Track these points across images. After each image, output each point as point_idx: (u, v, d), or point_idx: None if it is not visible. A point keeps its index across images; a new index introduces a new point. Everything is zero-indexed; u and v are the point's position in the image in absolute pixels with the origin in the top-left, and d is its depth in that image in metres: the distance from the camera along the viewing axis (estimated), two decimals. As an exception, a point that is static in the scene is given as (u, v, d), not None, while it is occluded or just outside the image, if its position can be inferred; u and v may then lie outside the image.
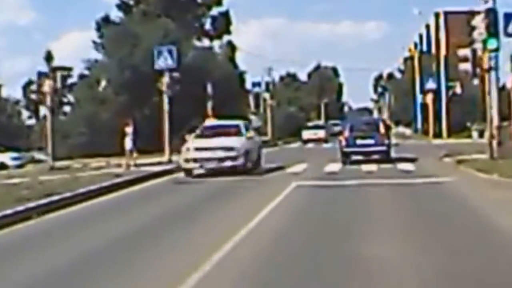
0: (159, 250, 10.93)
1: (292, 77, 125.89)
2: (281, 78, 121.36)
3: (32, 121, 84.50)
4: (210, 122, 33.57)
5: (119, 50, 55.44)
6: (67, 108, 67.26)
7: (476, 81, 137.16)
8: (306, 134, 65.98)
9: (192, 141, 26.63)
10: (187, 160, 25.70)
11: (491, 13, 26.20)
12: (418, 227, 12.35)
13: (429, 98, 60.33)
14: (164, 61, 32.89)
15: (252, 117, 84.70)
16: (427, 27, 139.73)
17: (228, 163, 25.20)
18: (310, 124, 72.61)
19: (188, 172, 25.76)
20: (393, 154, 32.18)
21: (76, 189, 19.80)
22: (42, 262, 10.40)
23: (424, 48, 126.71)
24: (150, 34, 55.03)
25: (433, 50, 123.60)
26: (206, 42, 71.10)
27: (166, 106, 32.84)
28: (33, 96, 75.31)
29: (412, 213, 14.40)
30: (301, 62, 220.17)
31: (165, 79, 33.01)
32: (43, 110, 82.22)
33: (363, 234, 11.59)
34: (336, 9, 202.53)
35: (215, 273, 8.93)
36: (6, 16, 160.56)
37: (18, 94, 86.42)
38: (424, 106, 72.48)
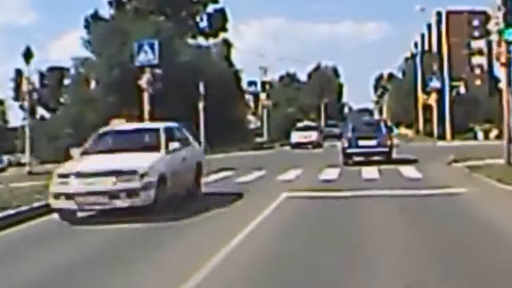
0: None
1: (292, 77, 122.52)
2: (280, 78, 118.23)
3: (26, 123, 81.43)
4: (116, 125, 23.16)
5: (107, 47, 52.25)
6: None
7: (478, 81, 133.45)
8: (296, 137, 53.15)
9: (75, 160, 16.38)
10: (56, 196, 14.91)
11: (509, 0, 22.87)
12: (435, 269, 9.10)
13: (433, 97, 56.90)
14: (145, 56, 29.64)
15: (251, 117, 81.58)
16: (429, 26, 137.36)
17: (122, 202, 14.54)
18: (300, 124, 57.53)
19: (63, 214, 15.01)
20: (396, 156, 29.90)
21: (34, 202, 16.72)
22: None
23: (426, 47, 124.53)
24: (140, 31, 51.76)
25: (435, 49, 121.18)
26: (202, 41, 68.01)
27: (146, 106, 29.59)
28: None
29: (425, 241, 11.02)
30: (301, 62, 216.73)
31: (146, 76, 29.80)
32: (40, 111, 79.44)
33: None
34: (337, 9, 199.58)
35: None
36: (5, 16, 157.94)
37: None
38: (428, 106, 69.26)
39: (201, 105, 46.29)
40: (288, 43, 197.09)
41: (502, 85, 24.52)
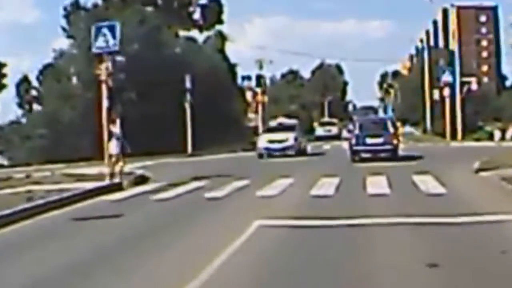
0: None
1: (295, 74, 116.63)
2: (283, 75, 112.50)
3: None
4: None
5: (88, 39, 46.58)
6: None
7: (485, 79, 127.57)
8: (263, 141, 35.63)
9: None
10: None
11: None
12: None
13: (445, 93, 50.88)
14: (104, 42, 23.92)
15: (252, 115, 75.72)
16: (434, 23, 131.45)
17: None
18: (273, 124, 40.13)
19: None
20: (408, 162, 25.56)
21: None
22: None
23: (431, 44, 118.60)
24: (123, 22, 46.27)
25: (441, 44, 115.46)
26: (197, 35, 62.33)
27: (105, 102, 23.81)
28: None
29: None
30: (304, 60, 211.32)
31: (105, 65, 24.09)
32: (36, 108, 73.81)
33: None
34: (340, 8, 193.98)
35: None
36: (10, 14, 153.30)
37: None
38: (437, 103, 63.69)
39: (187, 101, 40.66)
40: (291, 41, 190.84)
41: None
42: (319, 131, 72.81)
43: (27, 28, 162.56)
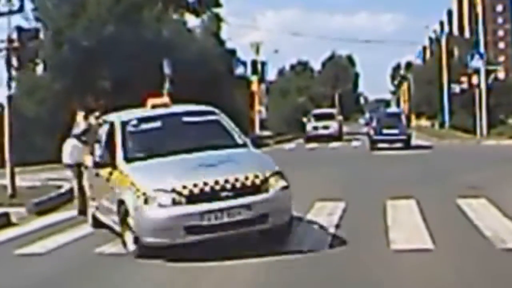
0: None
1: (304, 65, 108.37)
2: (292, 67, 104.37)
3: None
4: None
5: (55, 20, 38.76)
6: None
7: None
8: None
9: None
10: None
11: None
12: None
13: (474, 81, 42.21)
14: (6, 4, 15.85)
15: (261, 108, 67.54)
16: (449, 13, 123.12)
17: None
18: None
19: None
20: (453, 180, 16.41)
21: None
22: None
23: (446, 31, 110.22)
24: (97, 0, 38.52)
25: (456, 32, 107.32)
26: (191, 19, 54.22)
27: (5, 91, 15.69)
28: None
29: None
30: (315, 52, 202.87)
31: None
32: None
33: None
34: (352, 1, 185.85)
35: None
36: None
37: None
38: (457, 94, 55.54)
39: (165, 90, 32.83)
40: (304, 34, 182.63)
41: None
42: (311, 128, 45.59)
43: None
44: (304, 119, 48.25)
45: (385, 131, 31.42)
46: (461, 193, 13.35)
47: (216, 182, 8.75)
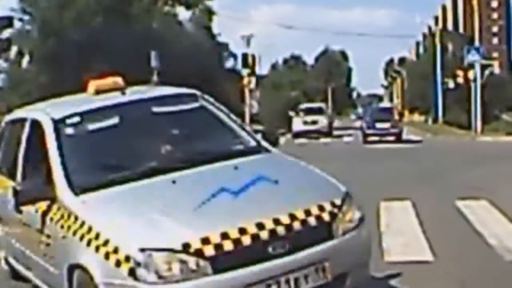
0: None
1: (297, 59, 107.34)
2: (285, 61, 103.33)
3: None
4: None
5: (42, 11, 37.69)
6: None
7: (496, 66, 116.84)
8: None
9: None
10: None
11: None
12: None
13: (470, 75, 41.10)
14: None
15: (252, 102, 66.62)
16: (443, 8, 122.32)
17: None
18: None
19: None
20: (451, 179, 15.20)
21: None
22: None
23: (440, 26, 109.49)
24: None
25: (450, 27, 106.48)
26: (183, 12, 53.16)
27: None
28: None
29: None
30: (308, 46, 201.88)
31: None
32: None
33: None
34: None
35: None
36: None
37: None
38: (451, 89, 54.66)
39: (153, 83, 31.86)
40: (298, 29, 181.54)
41: None
42: (299, 122, 42.58)
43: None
44: (291, 113, 45.09)
45: (377, 125, 32.80)
46: (460, 193, 12.36)
47: (260, 226, 4.83)
